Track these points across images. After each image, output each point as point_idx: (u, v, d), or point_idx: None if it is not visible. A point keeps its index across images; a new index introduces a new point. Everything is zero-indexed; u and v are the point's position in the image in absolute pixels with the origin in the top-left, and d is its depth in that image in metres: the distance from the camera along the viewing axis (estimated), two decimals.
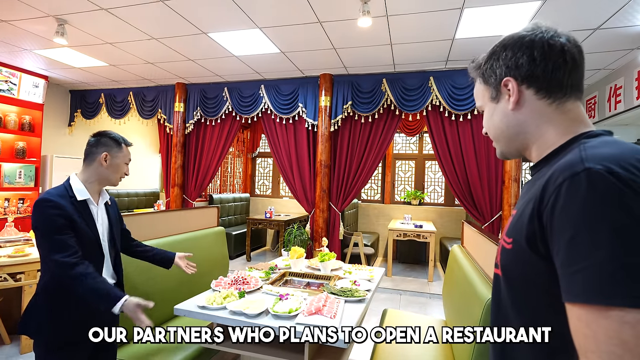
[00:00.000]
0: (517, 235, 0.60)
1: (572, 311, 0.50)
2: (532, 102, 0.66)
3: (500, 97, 0.70)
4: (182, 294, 2.35)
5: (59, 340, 1.35)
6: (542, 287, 0.57)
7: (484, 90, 0.75)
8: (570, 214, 0.49)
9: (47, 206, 1.31)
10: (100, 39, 3.67)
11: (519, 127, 0.69)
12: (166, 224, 2.48)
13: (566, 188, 0.51)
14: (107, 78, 5.06)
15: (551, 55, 0.64)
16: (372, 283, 2.23)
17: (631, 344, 0.43)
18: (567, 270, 0.50)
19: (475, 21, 3.02)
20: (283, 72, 4.54)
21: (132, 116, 5.49)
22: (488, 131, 0.77)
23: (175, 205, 5.03)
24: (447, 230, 5.98)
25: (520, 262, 0.60)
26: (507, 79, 0.68)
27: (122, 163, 1.51)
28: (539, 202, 0.55)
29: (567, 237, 0.49)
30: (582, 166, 0.51)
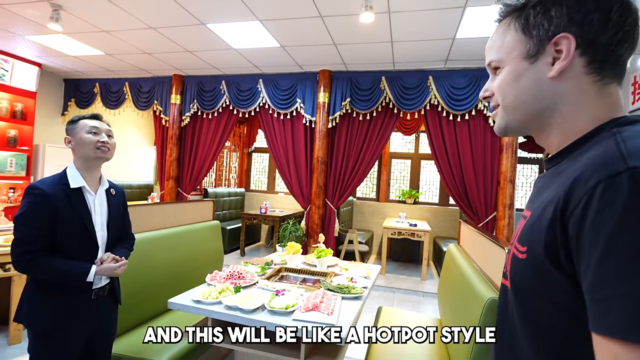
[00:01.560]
0: (533, 243, 0.50)
1: (602, 343, 0.41)
2: (578, 75, 0.53)
3: (541, 56, 0.54)
4: (175, 288, 2.32)
5: (49, 328, 1.33)
6: (560, 307, 0.48)
7: (516, 41, 0.57)
8: (607, 225, 0.40)
9: (32, 193, 1.31)
10: (96, 27, 3.60)
11: (551, 101, 0.55)
12: (161, 216, 2.44)
13: (601, 192, 0.41)
14: (103, 67, 4.97)
15: (626, 21, 0.50)
16: (369, 280, 2.22)
17: None
18: (599, 295, 0.41)
19: (477, 20, 3.02)
20: (282, 66, 4.50)
21: (128, 107, 5.41)
22: (504, 97, 0.59)
23: (170, 198, 4.98)
24: (441, 230, 6.01)
25: (536, 275, 0.50)
26: (565, 35, 0.52)
27: (84, 134, 1.43)
28: (564, 205, 0.45)
29: (600, 254, 0.40)
30: (625, 164, 0.41)
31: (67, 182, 1.37)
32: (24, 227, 1.28)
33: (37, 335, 1.32)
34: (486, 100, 0.64)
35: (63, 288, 1.36)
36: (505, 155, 3.98)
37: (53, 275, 1.33)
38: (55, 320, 1.33)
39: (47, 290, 1.34)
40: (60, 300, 1.35)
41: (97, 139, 1.43)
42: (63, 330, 1.34)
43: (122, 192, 1.64)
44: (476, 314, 1.42)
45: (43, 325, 1.32)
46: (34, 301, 1.33)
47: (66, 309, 1.35)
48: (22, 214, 1.30)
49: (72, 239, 1.36)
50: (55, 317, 1.33)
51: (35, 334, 1.32)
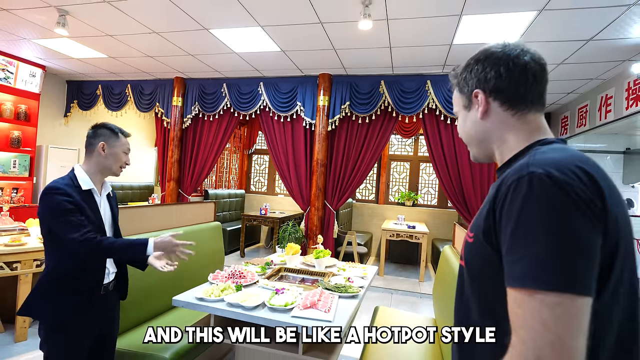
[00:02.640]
0: (477, 229, 0.67)
1: (510, 294, 0.57)
2: (498, 113, 0.74)
3: (472, 106, 0.78)
4: (178, 287, 2.39)
5: (62, 321, 1.39)
6: (495, 276, 0.63)
7: (459, 98, 0.82)
8: (513, 210, 0.57)
9: (57, 193, 1.36)
10: (100, 31, 3.68)
11: (485, 134, 0.77)
12: (163, 217, 2.51)
13: (513, 189, 0.59)
14: (105, 70, 5.04)
15: (515, 71, 0.71)
16: (365, 280, 2.29)
17: (549, 323, 0.51)
18: (508, 260, 0.58)
19: (473, 28, 3.09)
20: (282, 70, 4.58)
21: (130, 109, 5.48)
22: (461, 136, 0.85)
23: (171, 199, 5.04)
24: (439, 232, 6.07)
25: (479, 254, 0.67)
26: (477, 91, 0.75)
27: (121, 152, 1.55)
28: (493, 200, 0.63)
29: (510, 231, 0.57)
30: (527, 170, 0.58)
31: (78, 184, 1.44)
32: (71, 217, 1.34)
33: (51, 329, 1.39)
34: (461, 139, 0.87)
35: (77, 283, 1.42)
36: None
37: (119, 250, 1.39)
38: (69, 314, 1.40)
39: (62, 285, 1.40)
40: (74, 295, 1.41)
41: (125, 160, 1.56)
42: (76, 324, 1.41)
43: (114, 194, 1.72)
44: None
45: (57, 319, 1.39)
46: (48, 295, 1.39)
47: (79, 304, 1.42)
48: (56, 209, 1.33)
49: None
50: (68, 311, 1.40)
51: (48, 328, 1.39)
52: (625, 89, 3.78)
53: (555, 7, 2.66)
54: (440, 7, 2.76)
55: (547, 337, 0.51)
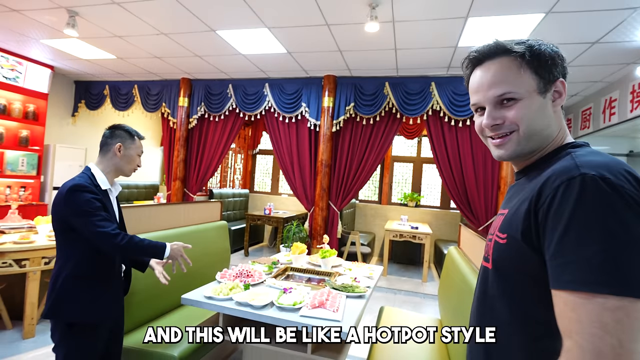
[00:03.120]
0: (512, 230, 0.66)
1: (560, 297, 0.56)
2: (558, 107, 0.75)
3: (547, 93, 0.72)
4: (186, 285, 2.42)
5: (86, 323, 1.41)
6: (531, 277, 0.63)
7: (529, 78, 0.71)
8: (565, 212, 0.56)
9: (83, 190, 1.39)
10: (109, 32, 3.72)
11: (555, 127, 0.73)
12: (171, 216, 2.54)
13: (563, 190, 0.57)
14: (113, 70, 5.09)
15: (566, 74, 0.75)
16: (372, 280, 2.31)
17: (610, 327, 0.50)
18: (558, 261, 0.56)
19: (479, 30, 3.11)
20: (288, 71, 4.61)
21: (136, 109, 5.53)
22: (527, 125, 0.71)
23: (177, 198, 5.08)
24: (442, 233, 6.08)
25: (514, 255, 0.65)
26: (562, 81, 0.73)
27: (135, 154, 1.61)
28: (536, 201, 0.62)
29: (561, 232, 0.56)
30: (578, 172, 0.57)
31: (97, 184, 1.48)
32: (100, 212, 1.38)
33: (70, 330, 1.38)
34: (493, 127, 0.73)
35: (101, 282, 1.45)
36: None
37: (143, 248, 1.46)
38: (101, 311, 1.43)
39: (87, 285, 1.42)
40: (99, 294, 1.44)
41: (137, 162, 1.62)
42: (95, 324, 1.43)
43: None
44: None
45: (89, 318, 1.40)
46: (80, 295, 1.40)
47: (109, 299, 1.46)
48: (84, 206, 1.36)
49: None
50: (101, 309, 1.43)
51: (67, 330, 1.39)
52: (629, 92, 3.78)
53: (562, 10, 2.67)
54: (447, 9, 2.78)
55: (608, 340, 0.50)
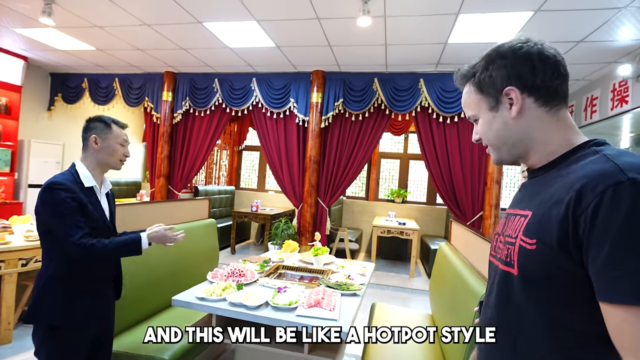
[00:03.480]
0: (544, 236, 0.61)
1: (614, 311, 0.53)
2: (533, 110, 0.69)
3: (500, 106, 0.72)
4: (174, 285, 2.35)
5: (75, 323, 1.35)
6: (565, 285, 0.59)
7: (479, 100, 0.75)
8: (616, 220, 0.52)
9: (60, 189, 1.31)
10: (88, 22, 3.55)
11: (523, 134, 0.71)
12: (158, 214, 2.45)
13: (611, 196, 0.53)
14: (92, 62, 4.88)
15: (548, 66, 0.68)
16: (365, 277, 2.29)
17: None
18: (610, 274, 0.52)
19: (469, 27, 3.12)
20: (276, 66, 4.53)
21: (117, 103, 5.33)
22: (487, 140, 0.76)
23: (161, 196, 4.94)
24: (428, 229, 6.15)
25: (546, 261, 0.61)
26: (510, 89, 0.69)
27: (115, 144, 1.48)
28: (575, 206, 0.57)
29: (612, 243, 0.52)
30: (625, 176, 0.53)
31: (81, 181, 1.39)
32: (69, 216, 1.28)
33: (52, 334, 1.32)
34: (478, 143, 0.81)
35: (85, 285, 1.38)
36: None
37: (113, 251, 1.35)
38: (81, 314, 1.35)
39: (71, 287, 1.35)
40: (83, 297, 1.37)
41: (123, 152, 1.49)
42: (79, 328, 1.36)
43: (113, 193, 1.67)
44: (472, 307, 1.50)
45: (69, 321, 1.33)
46: (60, 296, 1.33)
47: (88, 306, 1.38)
48: (57, 207, 1.28)
49: (97, 234, 1.39)
50: (81, 312, 1.35)
51: (49, 333, 1.32)
52: (610, 90, 3.90)
53: (551, 8, 2.71)
54: (439, 5, 2.78)
55: None
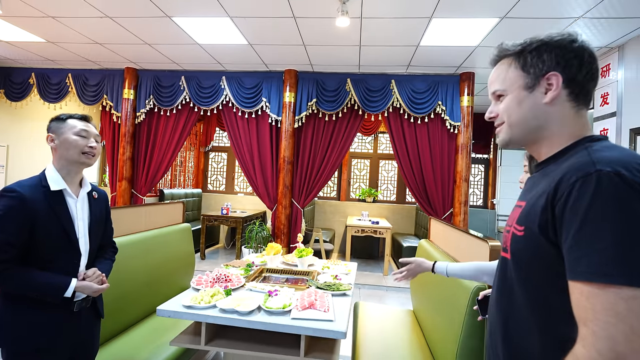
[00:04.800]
0: (530, 223, 0.68)
1: (576, 287, 0.59)
2: (563, 102, 0.72)
3: (537, 88, 0.73)
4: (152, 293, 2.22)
5: (27, 346, 1.20)
6: (548, 268, 0.65)
7: (517, 76, 0.75)
8: (582, 207, 0.58)
9: (8, 196, 1.17)
10: (40, 11, 3.24)
11: (545, 121, 0.73)
12: (129, 220, 2.28)
13: (579, 186, 0.59)
14: (41, 56, 4.47)
15: (592, 67, 0.71)
16: (351, 277, 2.30)
17: (623, 315, 0.53)
18: (575, 254, 0.59)
19: (440, 31, 3.24)
20: (247, 64, 4.42)
21: (70, 100, 4.92)
22: (508, 117, 0.77)
23: (124, 200, 4.63)
24: (399, 227, 6.31)
25: (531, 246, 0.68)
26: (554, 74, 0.71)
27: (71, 135, 1.32)
28: (553, 196, 0.63)
29: (577, 226, 0.58)
30: (594, 168, 0.59)
31: (47, 185, 1.24)
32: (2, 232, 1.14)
33: (14, 354, 1.19)
34: (491, 120, 0.82)
35: (42, 301, 1.23)
36: (460, 156, 4.31)
37: (27, 288, 1.19)
38: (34, 337, 1.21)
39: (23, 304, 1.21)
40: (39, 314, 1.22)
41: (85, 143, 1.32)
42: (44, 348, 1.22)
43: (105, 195, 1.52)
44: (463, 302, 1.55)
45: (20, 344, 1.19)
46: (7, 316, 1.20)
47: (46, 324, 1.23)
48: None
49: (53, 248, 1.24)
50: (34, 334, 1.21)
51: (11, 354, 1.19)
52: None
53: (515, 16, 2.88)
54: (414, 8, 2.86)
55: (621, 327, 0.53)
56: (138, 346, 1.81)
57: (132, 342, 1.85)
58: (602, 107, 3.51)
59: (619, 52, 3.34)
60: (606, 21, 2.89)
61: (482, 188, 6.82)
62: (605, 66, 3.51)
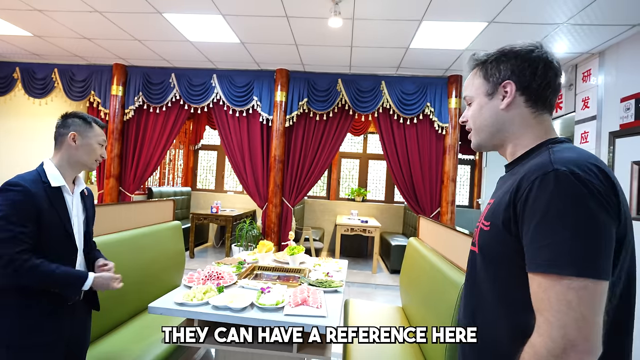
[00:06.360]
0: (495, 219, 0.73)
1: (533, 279, 0.63)
2: (520, 108, 0.78)
3: (495, 95, 0.80)
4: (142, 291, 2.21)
5: (31, 342, 1.20)
6: (511, 261, 0.69)
7: (480, 84, 0.82)
8: (540, 204, 0.63)
9: (14, 191, 1.17)
10: (26, 4, 3.17)
11: (504, 125, 0.80)
12: (119, 218, 2.26)
13: (538, 184, 0.64)
14: (27, 50, 4.36)
15: (548, 75, 0.76)
16: (342, 274, 2.33)
17: (574, 304, 0.58)
18: (533, 247, 0.63)
19: (430, 33, 3.30)
20: (238, 63, 4.41)
21: (56, 96, 4.82)
22: (473, 122, 0.85)
23: (111, 198, 4.56)
24: (387, 226, 6.39)
25: (496, 240, 0.73)
26: (508, 82, 0.77)
27: (95, 143, 1.39)
28: (515, 194, 0.68)
29: (535, 222, 0.63)
30: (552, 167, 0.64)
31: (47, 181, 1.26)
32: (11, 225, 1.13)
33: (16, 352, 1.18)
34: (464, 124, 0.89)
35: (40, 296, 1.23)
36: (448, 157, 4.40)
37: (49, 281, 1.20)
38: (38, 332, 1.21)
39: (25, 299, 1.21)
40: (41, 309, 1.23)
41: (101, 152, 1.41)
42: (47, 343, 1.23)
43: (91, 193, 1.54)
44: (452, 298, 1.60)
45: (24, 340, 1.19)
46: (10, 312, 1.19)
47: (47, 319, 1.23)
48: (3, 211, 1.14)
49: (54, 243, 1.25)
50: (37, 329, 1.21)
51: (13, 352, 1.18)
52: None
53: (502, 21, 2.96)
54: (405, 10, 2.91)
55: (572, 315, 0.57)
56: (129, 344, 1.81)
57: (123, 339, 1.85)
58: (583, 110, 3.64)
59: (600, 58, 3.46)
60: (588, 28, 3.00)
61: (468, 188, 6.96)
62: (587, 71, 3.63)
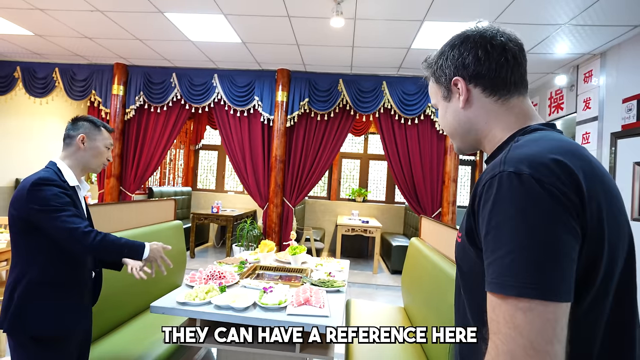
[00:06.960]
0: (462, 229, 0.64)
1: (488, 298, 0.54)
2: (480, 100, 0.68)
3: (452, 96, 0.72)
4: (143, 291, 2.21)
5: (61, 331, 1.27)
6: (479, 274, 0.59)
7: (436, 89, 0.75)
8: (486, 212, 0.54)
9: (50, 184, 1.23)
10: (28, 3, 3.17)
11: (470, 124, 0.71)
12: (122, 217, 2.26)
13: (486, 189, 0.55)
14: (28, 49, 4.36)
15: (493, 54, 0.66)
16: (344, 274, 2.33)
17: (521, 328, 0.48)
18: (485, 262, 0.55)
19: (431, 33, 3.31)
20: (239, 62, 4.41)
21: (57, 95, 4.81)
22: (443, 128, 0.78)
23: (112, 197, 4.56)
24: (388, 226, 6.39)
25: (466, 253, 0.64)
26: (456, 79, 0.69)
27: (103, 147, 1.44)
28: (473, 199, 0.60)
29: (484, 233, 0.55)
30: (499, 169, 0.54)
31: (65, 180, 1.32)
32: (66, 208, 1.21)
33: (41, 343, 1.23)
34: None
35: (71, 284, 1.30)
36: (449, 157, 4.40)
37: (118, 248, 1.29)
38: (69, 322, 1.28)
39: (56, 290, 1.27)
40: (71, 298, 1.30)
41: (107, 156, 1.46)
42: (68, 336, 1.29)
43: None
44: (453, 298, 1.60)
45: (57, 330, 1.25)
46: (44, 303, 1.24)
47: (71, 313, 1.30)
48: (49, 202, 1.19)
49: None
50: (61, 322, 1.26)
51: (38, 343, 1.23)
52: (548, 98, 4.36)
53: (505, 21, 2.96)
54: (407, 11, 2.91)
55: (520, 341, 0.48)
56: (131, 343, 1.80)
57: (125, 339, 1.85)
58: (585, 111, 3.64)
59: (601, 58, 3.46)
60: (590, 28, 3.00)
61: (469, 189, 6.96)
62: (588, 72, 3.63)
